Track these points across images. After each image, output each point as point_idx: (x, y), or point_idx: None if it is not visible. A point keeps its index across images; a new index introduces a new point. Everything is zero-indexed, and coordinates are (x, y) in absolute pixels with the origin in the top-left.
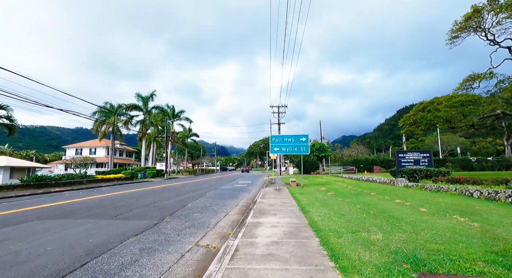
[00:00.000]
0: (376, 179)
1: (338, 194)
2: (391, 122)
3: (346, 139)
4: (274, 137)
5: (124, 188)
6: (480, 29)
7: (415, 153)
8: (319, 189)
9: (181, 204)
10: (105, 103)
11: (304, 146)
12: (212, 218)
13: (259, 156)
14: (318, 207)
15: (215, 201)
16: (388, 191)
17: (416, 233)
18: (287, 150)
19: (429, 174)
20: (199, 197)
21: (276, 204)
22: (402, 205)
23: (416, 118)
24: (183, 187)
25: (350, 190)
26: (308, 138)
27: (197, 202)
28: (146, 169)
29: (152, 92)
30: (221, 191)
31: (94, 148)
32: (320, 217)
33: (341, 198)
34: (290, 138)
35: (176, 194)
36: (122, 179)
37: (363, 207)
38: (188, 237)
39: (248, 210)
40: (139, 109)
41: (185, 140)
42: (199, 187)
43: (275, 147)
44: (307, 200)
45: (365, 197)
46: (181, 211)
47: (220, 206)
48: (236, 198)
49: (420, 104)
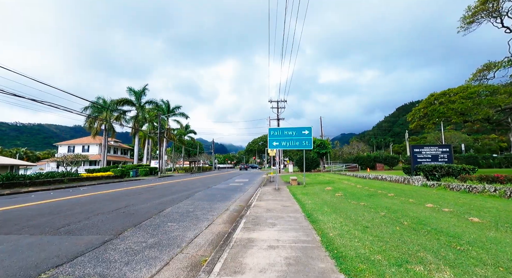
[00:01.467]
0: (386, 177)
1: (348, 195)
2: (391, 119)
3: (345, 137)
4: (273, 130)
5: (107, 187)
6: (496, 15)
7: (432, 148)
8: (324, 188)
9: (159, 208)
10: (98, 98)
11: (307, 140)
12: (189, 231)
13: (257, 154)
14: (329, 214)
15: (201, 204)
16: (407, 191)
17: (504, 266)
18: (288, 145)
19: (452, 171)
20: (185, 198)
21: (275, 209)
22: (439, 211)
23: (427, 111)
24: (172, 186)
25: (361, 190)
26: (311, 131)
27: (180, 206)
28: (139, 167)
29: (145, 86)
30: (213, 191)
31: (87, 145)
32: (336, 230)
33: (354, 201)
34: (290, 131)
35: (160, 195)
36: (110, 178)
37: (389, 214)
38: (139, 269)
39: (239, 217)
40: (131, 104)
41: (182, 137)
42: (190, 186)
43: (274, 142)
44: (313, 203)
45: (382, 199)
46: (153, 219)
47: (206, 211)
48: (228, 200)
49: (431, 96)
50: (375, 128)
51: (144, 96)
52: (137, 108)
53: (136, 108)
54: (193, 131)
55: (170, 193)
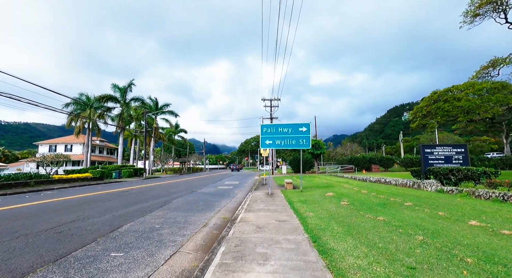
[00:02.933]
0: (390, 180)
1: (356, 204)
2: (382, 121)
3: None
4: (266, 127)
5: (75, 192)
6: (501, 9)
7: (446, 148)
8: (324, 194)
9: (115, 224)
10: (80, 95)
11: (304, 139)
12: (136, 269)
13: (250, 154)
14: (343, 237)
15: (175, 217)
16: (425, 199)
17: None
18: (283, 144)
19: (471, 175)
20: (158, 207)
21: (267, 226)
22: (497, 234)
23: (430, 109)
24: (152, 190)
25: (368, 196)
26: (309, 128)
27: (146, 219)
28: (122, 168)
29: (130, 82)
30: (196, 197)
31: (70, 144)
32: (364, 275)
33: (368, 213)
34: (286, 128)
35: (130, 203)
36: (87, 180)
37: (431, 240)
38: None
39: (218, 242)
40: (115, 101)
41: (172, 137)
42: (172, 190)
43: (266, 140)
44: (317, 217)
45: (403, 212)
46: (95, 244)
47: (176, 229)
48: (211, 210)
49: (434, 94)
50: (367, 130)
51: (130, 93)
52: (122, 105)
53: (121, 105)
54: (184, 130)
55: (144, 199)
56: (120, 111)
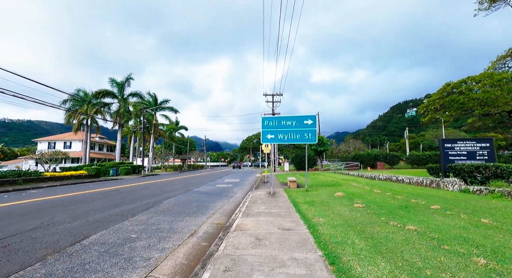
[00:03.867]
0: (403, 178)
1: (372, 206)
2: (385, 118)
3: (339, 135)
4: (267, 120)
5: (63, 190)
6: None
7: (468, 142)
8: (333, 194)
9: (82, 233)
10: (78, 91)
11: (310, 132)
12: None
13: (252, 151)
14: (368, 255)
15: (159, 222)
16: (452, 201)
17: None
18: (286, 138)
19: (500, 173)
20: (143, 209)
21: (269, 238)
22: None
23: (443, 102)
24: (145, 189)
25: (383, 196)
26: (316, 120)
27: (122, 227)
28: (120, 165)
29: (128, 76)
30: (190, 197)
31: (69, 141)
32: None
33: (392, 220)
34: (289, 121)
35: (112, 204)
36: (82, 177)
37: (497, 264)
38: None
39: (203, 264)
40: (112, 96)
41: (173, 134)
42: (166, 189)
43: (268, 134)
44: (329, 224)
45: (434, 217)
46: (32, 269)
47: (154, 241)
48: (204, 212)
49: (447, 85)
50: (369, 127)
51: (128, 88)
52: (120, 100)
53: (119, 100)
54: (184, 127)
55: (132, 199)
56: (118, 107)
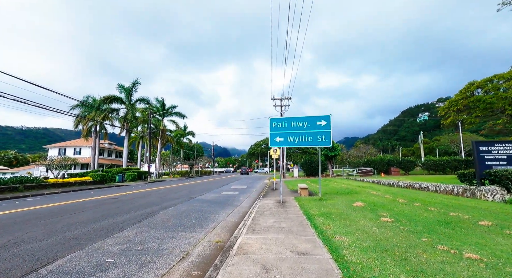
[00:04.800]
0: (428, 185)
1: (402, 220)
2: (396, 123)
3: (349, 141)
4: (276, 121)
5: (59, 198)
6: None
7: (508, 145)
8: (351, 204)
9: (48, 255)
10: (87, 97)
11: (323, 135)
12: None
13: (260, 157)
14: None
15: (147, 239)
16: (504, 215)
17: None
18: (296, 141)
19: None
20: (135, 222)
21: (280, 267)
22: None
23: (467, 102)
24: (145, 196)
25: (410, 207)
26: (330, 121)
27: (101, 246)
28: (126, 171)
29: (135, 81)
30: (191, 206)
31: (79, 148)
32: None
33: (439, 243)
34: (300, 122)
35: (102, 216)
36: (86, 184)
37: None
38: None
39: None
40: (120, 102)
41: (181, 140)
42: (168, 197)
43: (276, 137)
44: (355, 246)
45: (492, 239)
46: None
47: (132, 269)
48: (202, 227)
49: (471, 85)
50: (379, 132)
51: (136, 93)
52: (127, 106)
53: (126, 106)
54: (192, 132)
55: (127, 210)
56: (125, 112)
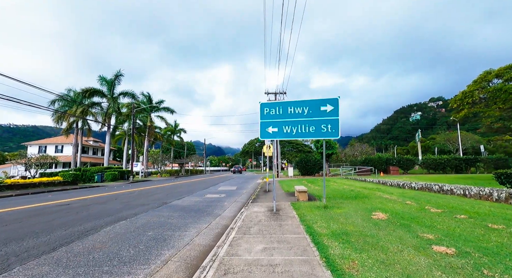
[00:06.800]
0: (452, 188)
1: (468, 249)
2: (389, 122)
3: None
4: (268, 107)
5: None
6: None
7: None
8: (369, 215)
9: None
10: (68, 91)
11: (329, 123)
12: None
13: (254, 156)
14: None
15: None
16: None
17: None
18: (295, 132)
19: None
20: (42, 253)
21: None
22: None
23: (485, 92)
24: (110, 201)
25: (457, 222)
26: (338, 105)
27: None
28: (106, 170)
29: (117, 73)
30: (154, 217)
31: (60, 145)
32: None
33: None
34: (299, 107)
35: (7, 239)
36: (54, 184)
37: None
38: None
39: None
40: (101, 95)
41: (171, 137)
42: (135, 203)
43: (269, 127)
44: None
45: None
46: None
47: None
48: (146, 263)
49: (487, 74)
50: (373, 131)
51: (119, 86)
52: (109, 99)
53: (108, 99)
54: (183, 130)
55: (60, 224)
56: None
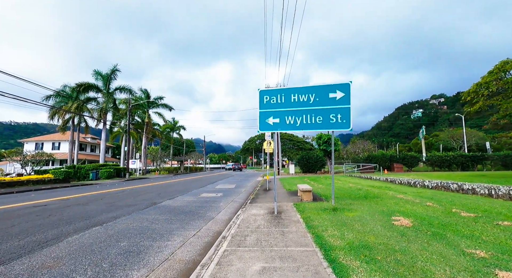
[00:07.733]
0: (474, 187)
1: None
2: (390, 119)
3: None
4: (269, 94)
5: None
6: None
7: None
8: (389, 220)
9: None
10: (64, 87)
11: (339, 113)
12: None
13: (254, 153)
14: None
15: None
16: None
17: None
18: (299, 123)
19: None
20: None
21: None
22: None
23: (503, 83)
24: (94, 200)
25: (495, 227)
26: (349, 92)
27: None
28: (102, 167)
29: (114, 68)
30: (137, 222)
31: (57, 142)
32: None
33: None
34: (304, 94)
35: None
36: (43, 182)
37: None
38: None
39: None
40: (96, 90)
41: (170, 134)
42: (120, 204)
43: (270, 117)
44: None
45: None
46: None
47: None
48: None
49: (505, 64)
50: (374, 128)
51: (115, 81)
52: (105, 95)
53: (104, 95)
54: (182, 127)
55: (19, 232)
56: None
